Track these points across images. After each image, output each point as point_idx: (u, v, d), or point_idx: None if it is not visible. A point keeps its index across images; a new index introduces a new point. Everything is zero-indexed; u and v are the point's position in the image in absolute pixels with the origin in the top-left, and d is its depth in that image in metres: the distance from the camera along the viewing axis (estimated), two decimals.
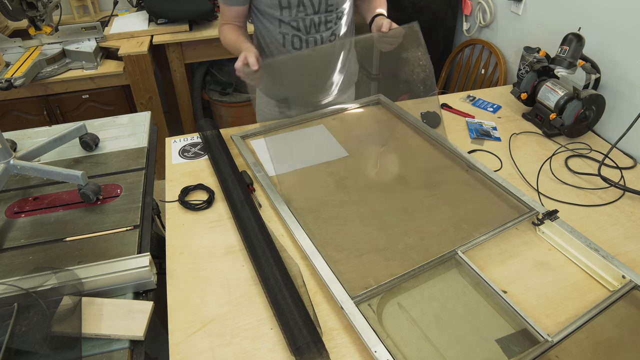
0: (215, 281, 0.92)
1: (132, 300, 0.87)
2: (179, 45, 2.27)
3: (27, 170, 1.14)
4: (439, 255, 0.94)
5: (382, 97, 1.53)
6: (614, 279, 0.91)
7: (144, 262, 0.88)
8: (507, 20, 1.92)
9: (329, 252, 0.96)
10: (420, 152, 1.30)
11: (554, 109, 1.36)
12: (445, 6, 2.18)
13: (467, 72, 2.23)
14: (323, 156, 1.28)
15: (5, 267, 0.94)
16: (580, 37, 1.31)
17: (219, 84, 2.59)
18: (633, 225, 1.06)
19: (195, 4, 2.24)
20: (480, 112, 1.52)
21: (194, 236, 1.02)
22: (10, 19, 1.78)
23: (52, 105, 2.13)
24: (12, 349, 0.75)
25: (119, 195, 1.14)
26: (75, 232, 1.03)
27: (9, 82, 1.83)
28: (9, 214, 1.09)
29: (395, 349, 0.78)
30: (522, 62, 1.76)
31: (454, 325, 0.83)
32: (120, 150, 1.31)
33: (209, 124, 1.34)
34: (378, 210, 1.08)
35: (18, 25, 2.31)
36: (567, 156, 1.30)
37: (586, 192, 1.17)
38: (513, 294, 0.89)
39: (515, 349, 0.78)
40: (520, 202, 1.08)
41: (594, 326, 0.82)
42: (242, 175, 1.16)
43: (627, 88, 1.34)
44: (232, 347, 0.79)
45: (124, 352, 0.79)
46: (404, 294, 0.89)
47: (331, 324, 0.83)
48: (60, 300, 0.81)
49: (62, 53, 2.09)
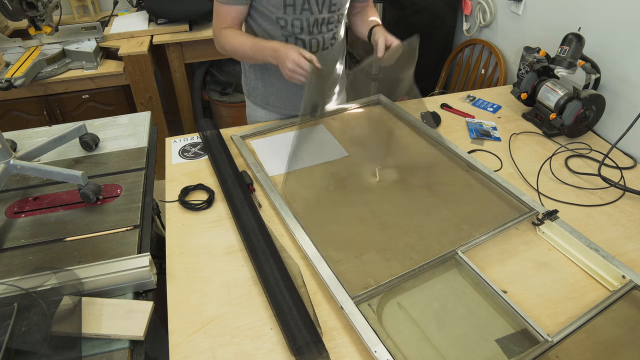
0: (215, 281, 0.92)
1: (132, 300, 0.87)
2: (179, 45, 2.27)
3: (27, 170, 1.14)
4: (439, 255, 0.94)
5: (382, 97, 1.53)
6: (614, 279, 0.91)
7: (144, 262, 0.88)
8: (507, 20, 1.92)
9: (329, 252, 0.96)
10: (420, 152, 1.30)
11: (554, 109, 1.36)
12: (445, 6, 2.18)
13: (467, 72, 2.23)
14: (323, 156, 1.28)
15: (5, 267, 0.94)
16: (580, 37, 1.31)
17: (219, 84, 2.59)
18: (633, 225, 1.06)
19: (195, 4, 2.24)
20: (480, 112, 1.52)
21: (194, 236, 1.02)
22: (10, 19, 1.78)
23: (52, 105, 2.13)
24: (12, 349, 0.75)
25: (119, 195, 1.14)
26: (75, 232, 1.03)
27: (9, 82, 1.83)
28: (9, 214, 1.09)
29: (395, 349, 0.78)
30: (522, 62, 1.76)
31: (454, 325, 0.83)
32: (120, 150, 1.31)
33: (209, 124, 1.34)
34: (378, 210, 1.08)
35: (18, 25, 2.31)
36: (567, 156, 1.30)
37: (586, 192, 1.17)
38: (513, 294, 0.89)
39: (515, 349, 0.78)
40: (520, 202, 1.08)
41: (594, 326, 0.82)
42: (242, 175, 1.16)
43: (627, 88, 1.34)
44: (232, 347, 0.79)
45: (124, 352, 0.79)
46: (404, 294, 0.89)
47: (331, 324, 0.83)
48: (60, 300, 0.81)
49: (62, 53, 2.09)
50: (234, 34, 1.18)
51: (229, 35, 1.18)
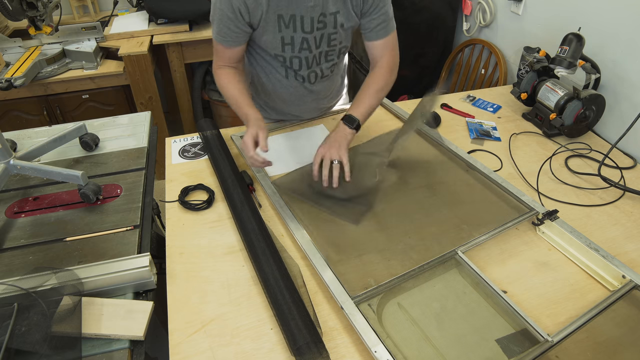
0: (215, 281, 0.92)
1: (132, 300, 0.87)
2: (179, 45, 2.27)
3: (27, 170, 1.14)
4: (439, 255, 0.94)
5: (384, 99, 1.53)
6: (614, 279, 0.91)
7: (144, 262, 0.88)
8: (507, 20, 1.92)
9: (329, 252, 0.96)
10: (420, 152, 1.30)
11: (554, 109, 1.36)
12: (445, 6, 2.18)
13: (467, 72, 2.23)
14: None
15: (5, 267, 0.94)
16: (580, 37, 1.31)
17: None
18: (633, 225, 1.06)
19: (195, 4, 2.24)
20: (480, 112, 1.52)
21: (194, 236, 1.02)
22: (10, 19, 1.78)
23: (52, 105, 2.13)
24: (12, 349, 0.75)
25: (119, 195, 1.14)
26: (75, 232, 1.03)
27: (9, 82, 1.83)
28: (9, 214, 1.09)
29: (395, 349, 0.78)
30: (522, 62, 1.76)
31: (454, 325, 0.83)
32: (120, 150, 1.31)
33: (209, 124, 1.34)
34: (378, 210, 1.08)
35: (18, 25, 2.31)
36: (567, 156, 1.30)
37: (586, 192, 1.17)
38: (513, 294, 0.89)
39: (516, 349, 0.78)
40: (520, 202, 1.08)
41: (594, 326, 0.82)
42: (242, 175, 1.16)
43: (627, 88, 1.34)
44: (232, 347, 0.79)
45: (124, 352, 0.79)
46: (404, 294, 0.89)
47: (331, 324, 0.83)
48: (60, 300, 0.81)
49: (62, 53, 2.09)
50: (226, 79, 1.15)
51: (222, 78, 1.16)
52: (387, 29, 1.15)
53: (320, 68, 1.22)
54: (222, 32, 1.10)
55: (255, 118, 1.06)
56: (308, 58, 1.18)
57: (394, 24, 1.17)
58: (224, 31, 1.09)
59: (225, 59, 1.16)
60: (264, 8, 1.05)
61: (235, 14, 1.05)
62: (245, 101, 1.11)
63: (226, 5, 1.05)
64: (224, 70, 1.17)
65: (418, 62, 2.29)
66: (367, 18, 1.13)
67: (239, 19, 1.07)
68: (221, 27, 1.09)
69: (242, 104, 1.10)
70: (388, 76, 1.19)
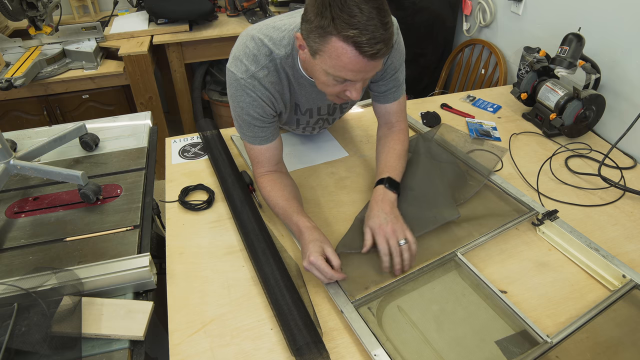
0: (215, 281, 0.92)
1: (132, 300, 0.87)
2: (179, 45, 2.27)
3: (27, 170, 1.14)
4: (438, 257, 0.94)
5: None
6: (614, 279, 0.91)
7: (144, 262, 0.88)
8: (507, 20, 1.92)
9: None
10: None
11: (554, 109, 1.36)
12: (445, 6, 2.18)
13: (467, 72, 2.23)
14: (323, 156, 1.28)
15: (5, 267, 0.94)
16: (580, 37, 1.31)
17: (219, 84, 2.59)
18: (633, 225, 1.06)
19: (195, 4, 2.23)
20: (480, 112, 1.52)
21: (194, 236, 1.02)
22: (10, 19, 1.78)
23: (52, 105, 2.13)
24: (12, 349, 0.75)
25: (119, 195, 1.14)
26: (75, 232, 1.03)
27: (9, 82, 1.83)
28: (9, 214, 1.09)
29: (395, 352, 0.77)
30: (522, 62, 1.76)
31: (453, 327, 0.83)
32: (120, 150, 1.31)
33: (209, 124, 1.34)
34: None
35: (18, 25, 2.31)
36: (567, 156, 1.30)
37: (586, 192, 1.17)
38: (513, 294, 0.89)
39: (515, 351, 0.78)
40: (520, 202, 1.08)
41: (594, 326, 0.82)
42: (242, 175, 1.16)
43: (627, 88, 1.34)
44: (232, 348, 0.79)
45: (124, 352, 0.79)
46: (404, 296, 0.89)
47: (331, 324, 0.83)
48: (60, 300, 0.81)
49: (62, 53, 2.09)
50: (269, 186, 1.03)
51: (266, 187, 1.03)
52: (396, 94, 1.11)
53: (329, 121, 1.25)
54: (257, 134, 1.00)
55: (308, 227, 0.92)
56: (323, 125, 1.24)
57: (404, 89, 1.12)
58: (258, 133, 1.00)
59: (265, 162, 1.05)
60: (287, 98, 1.02)
61: (266, 113, 0.98)
62: (293, 208, 0.97)
63: (254, 109, 0.97)
64: (267, 177, 1.04)
65: (418, 62, 2.29)
66: (376, 83, 1.09)
67: (268, 114, 0.99)
68: (255, 130, 1.00)
69: (290, 212, 0.96)
70: (405, 139, 1.15)
